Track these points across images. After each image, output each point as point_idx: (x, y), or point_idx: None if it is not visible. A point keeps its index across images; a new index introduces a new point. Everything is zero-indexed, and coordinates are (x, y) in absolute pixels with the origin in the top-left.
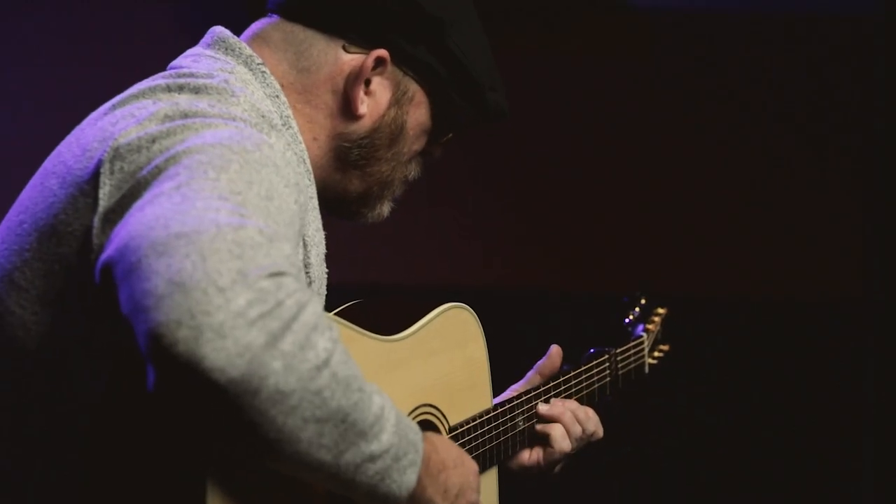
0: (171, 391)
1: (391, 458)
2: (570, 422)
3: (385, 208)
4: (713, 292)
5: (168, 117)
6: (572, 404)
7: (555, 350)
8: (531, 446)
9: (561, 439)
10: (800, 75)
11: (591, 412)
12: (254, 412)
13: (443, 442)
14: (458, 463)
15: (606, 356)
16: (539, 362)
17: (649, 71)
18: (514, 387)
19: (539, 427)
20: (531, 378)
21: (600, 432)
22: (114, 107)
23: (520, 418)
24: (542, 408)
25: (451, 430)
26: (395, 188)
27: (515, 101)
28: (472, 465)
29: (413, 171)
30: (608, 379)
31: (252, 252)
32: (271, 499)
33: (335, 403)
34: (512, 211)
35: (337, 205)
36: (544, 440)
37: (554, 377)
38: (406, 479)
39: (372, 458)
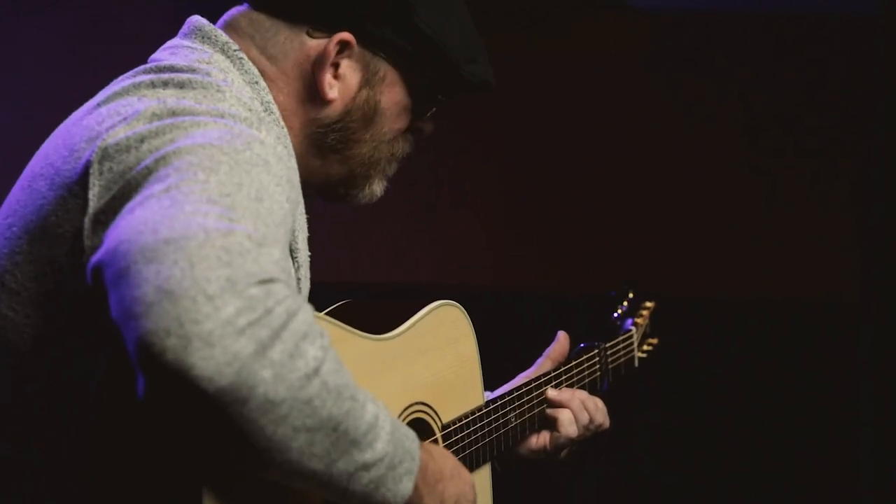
0: (160, 399)
1: (386, 466)
2: (578, 408)
3: (377, 188)
4: (709, 293)
5: (156, 115)
6: (582, 393)
7: (562, 335)
8: (539, 430)
9: (568, 424)
10: (798, 75)
11: (599, 403)
12: (243, 421)
13: (439, 452)
14: (454, 474)
15: (596, 350)
16: (548, 348)
17: (648, 71)
18: (524, 373)
19: (548, 411)
20: (542, 364)
21: (607, 423)
22: (98, 105)
23: (511, 415)
24: (552, 393)
25: (443, 427)
26: (383, 167)
27: (515, 101)
28: (469, 477)
29: (401, 148)
30: (598, 373)
31: (241, 259)
32: (267, 498)
33: (326, 412)
34: (505, 210)
35: (325, 189)
36: (552, 425)
37: (566, 362)
38: (402, 488)
39: (366, 467)
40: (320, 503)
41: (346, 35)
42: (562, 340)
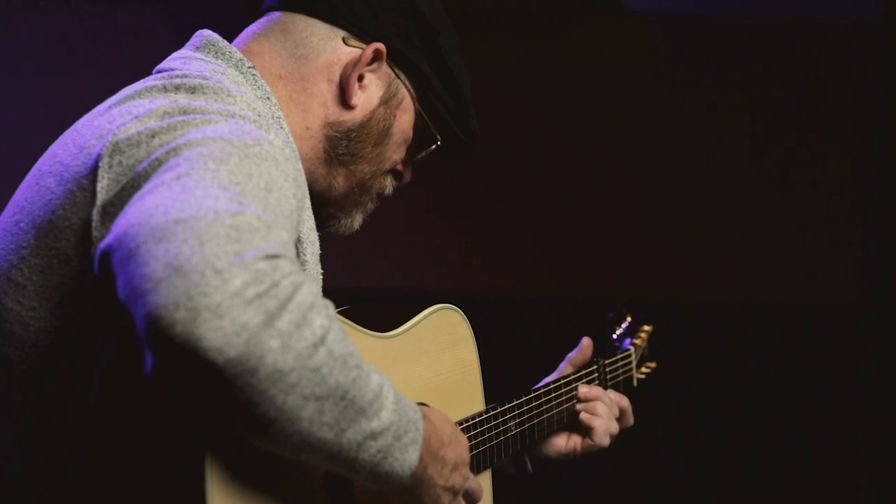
0: (169, 374)
1: (392, 435)
2: (609, 417)
3: (357, 220)
4: (710, 298)
5: (167, 113)
6: (612, 400)
7: (586, 342)
8: (570, 434)
9: (603, 434)
10: (797, 80)
11: (625, 402)
12: (253, 391)
13: (438, 417)
14: (452, 439)
15: (595, 366)
16: (570, 353)
17: (648, 75)
18: (547, 379)
19: (583, 418)
20: (563, 368)
21: (631, 421)
22: (110, 108)
23: (512, 423)
24: (581, 407)
25: None
26: (371, 198)
27: (514, 105)
28: (465, 441)
29: (387, 186)
30: None
31: (249, 235)
32: (270, 484)
33: (333, 380)
34: (506, 216)
35: (316, 206)
36: (586, 432)
37: (555, 380)
38: (408, 458)
39: (373, 436)
40: (321, 485)
41: (381, 46)
42: (585, 347)
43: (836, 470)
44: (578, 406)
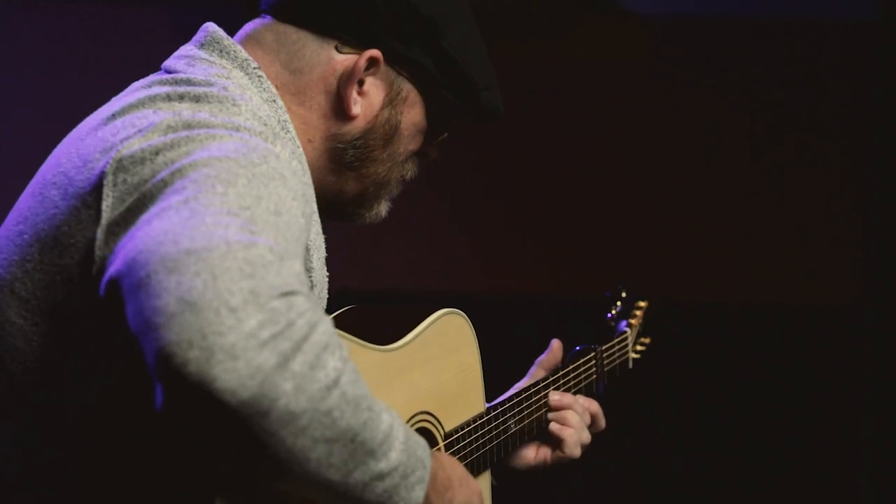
0: (179, 410)
1: (399, 475)
2: (580, 425)
3: (382, 208)
4: (708, 297)
5: (171, 128)
6: (583, 402)
7: (556, 344)
8: (539, 445)
9: (574, 446)
10: (797, 80)
11: (595, 405)
12: (263, 433)
13: (448, 460)
14: (462, 482)
15: (592, 354)
16: (540, 357)
17: (646, 76)
18: (517, 384)
19: (553, 429)
20: (534, 373)
21: (604, 425)
22: (113, 116)
23: (511, 421)
24: (554, 396)
25: (446, 436)
26: (392, 188)
27: (514, 105)
28: (477, 486)
29: (410, 170)
30: (594, 376)
31: (263, 271)
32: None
33: (345, 423)
34: (506, 216)
35: (334, 207)
36: (556, 443)
37: (553, 371)
38: (414, 497)
39: (380, 477)
40: None
41: (375, 52)
42: (555, 349)
43: (836, 470)
44: (549, 415)
